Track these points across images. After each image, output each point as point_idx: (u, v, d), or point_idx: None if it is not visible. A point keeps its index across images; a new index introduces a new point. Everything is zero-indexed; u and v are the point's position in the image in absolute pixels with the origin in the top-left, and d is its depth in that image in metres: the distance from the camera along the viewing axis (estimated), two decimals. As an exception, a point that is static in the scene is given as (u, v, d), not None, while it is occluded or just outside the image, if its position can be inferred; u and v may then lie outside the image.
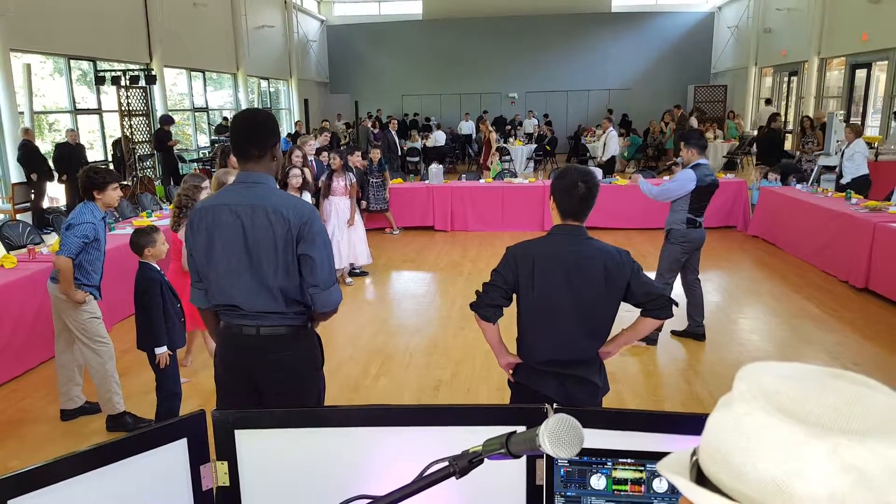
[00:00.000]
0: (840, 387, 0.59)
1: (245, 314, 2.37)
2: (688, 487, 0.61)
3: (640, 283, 2.39)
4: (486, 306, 2.45)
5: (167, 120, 12.21)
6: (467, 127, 19.77)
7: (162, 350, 3.69)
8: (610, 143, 12.79)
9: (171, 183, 11.49)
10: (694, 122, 16.51)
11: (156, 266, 3.72)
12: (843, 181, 8.45)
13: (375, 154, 9.45)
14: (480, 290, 2.48)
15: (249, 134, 2.39)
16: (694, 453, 0.65)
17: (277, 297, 2.35)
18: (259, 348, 2.39)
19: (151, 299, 3.65)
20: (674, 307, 2.43)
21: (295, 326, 2.42)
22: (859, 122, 13.15)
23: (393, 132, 14.60)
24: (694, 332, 5.29)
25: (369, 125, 16.80)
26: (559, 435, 0.99)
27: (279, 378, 2.42)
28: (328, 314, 2.44)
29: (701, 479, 0.61)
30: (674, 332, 5.35)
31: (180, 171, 12.43)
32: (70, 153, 10.20)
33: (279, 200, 2.33)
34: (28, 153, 9.79)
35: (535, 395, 2.43)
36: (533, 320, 2.44)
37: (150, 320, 3.66)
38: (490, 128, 15.05)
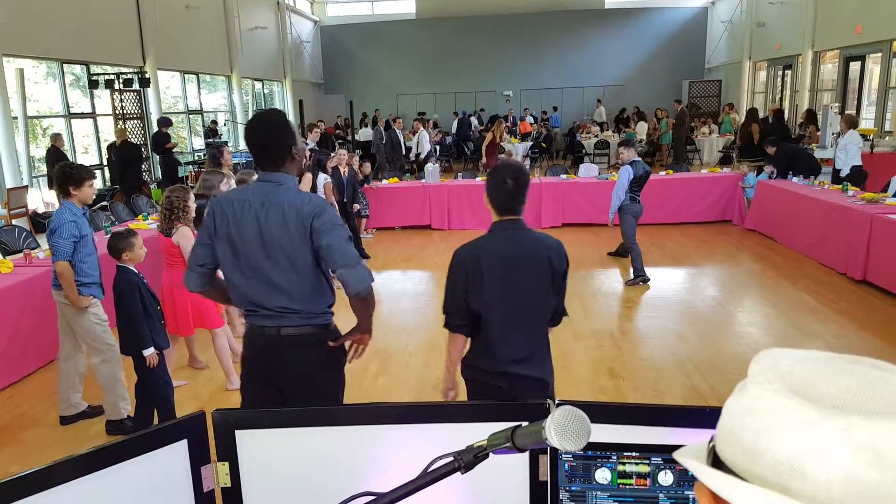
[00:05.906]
0: (858, 370, 0.59)
1: (266, 315, 2.40)
2: (702, 471, 0.61)
3: (562, 284, 2.53)
4: (455, 316, 2.50)
5: (165, 122, 12.16)
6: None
7: (150, 351, 3.68)
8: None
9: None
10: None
11: (133, 269, 3.71)
12: (842, 173, 8.43)
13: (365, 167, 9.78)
14: (444, 306, 2.53)
15: (265, 139, 2.40)
16: (712, 439, 0.65)
17: (293, 295, 2.36)
18: (280, 348, 2.41)
19: (131, 303, 3.64)
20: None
21: (317, 326, 2.43)
22: (853, 114, 13.14)
23: (398, 131, 14.64)
24: (641, 277, 6.81)
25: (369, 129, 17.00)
26: (566, 427, 0.98)
27: (301, 378, 2.44)
28: (364, 297, 2.39)
29: (717, 463, 0.61)
30: (627, 283, 6.91)
31: (179, 173, 12.37)
32: (57, 159, 10.14)
33: (294, 197, 2.37)
34: (57, 160, 9.71)
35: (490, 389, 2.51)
36: (486, 318, 2.47)
37: (133, 324, 3.65)
38: (503, 129, 13.42)
